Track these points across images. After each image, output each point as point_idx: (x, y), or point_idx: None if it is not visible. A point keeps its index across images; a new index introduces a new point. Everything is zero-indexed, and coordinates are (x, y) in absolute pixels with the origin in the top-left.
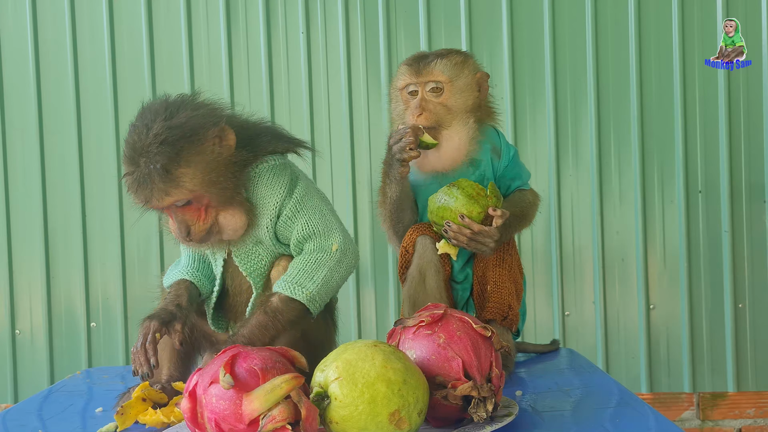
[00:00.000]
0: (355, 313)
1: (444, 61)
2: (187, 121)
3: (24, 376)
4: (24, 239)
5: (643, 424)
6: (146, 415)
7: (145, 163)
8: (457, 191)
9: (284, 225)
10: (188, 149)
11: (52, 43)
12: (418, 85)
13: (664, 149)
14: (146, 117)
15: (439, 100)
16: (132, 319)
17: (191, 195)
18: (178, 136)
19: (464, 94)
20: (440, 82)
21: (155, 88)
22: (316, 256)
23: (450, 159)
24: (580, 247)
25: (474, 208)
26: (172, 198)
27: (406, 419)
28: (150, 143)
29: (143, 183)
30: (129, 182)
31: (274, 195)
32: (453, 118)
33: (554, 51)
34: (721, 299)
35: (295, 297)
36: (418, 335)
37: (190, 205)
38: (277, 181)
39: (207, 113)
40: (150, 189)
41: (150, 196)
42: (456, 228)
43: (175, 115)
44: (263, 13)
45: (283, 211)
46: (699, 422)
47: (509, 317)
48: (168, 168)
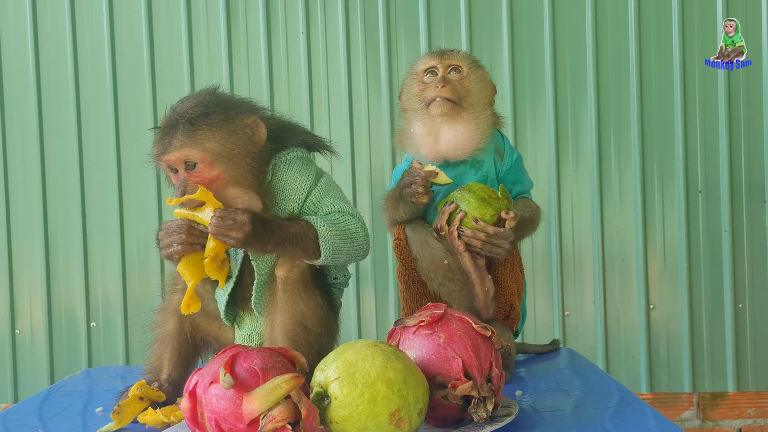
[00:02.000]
0: (355, 313)
1: (465, 54)
2: (227, 99)
3: (24, 376)
4: (24, 239)
5: (643, 424)
6: (146, 415)
7: (176, 118)
8: (469, 195)
9: (309, 208)
10: (218, 117)
11: (52, 43)
12: (439, 67)
13: (664, 149)
14: (194, 95)
15: (460, 81)
16: (132, 319)
17: (203, 156)
18: (213, 105)
19: (482, 85)
20: (461, 66)
21: (155, 88)
22: (340, 216)
23: (462, 145)
24: (580, 247)
25: (487, 211)
26: (186, 150)
27: (406, 419)
28: (188, 108)
29: (166, 133)
30: (156, 134)
31: (304, 181)
32: (471, 103)
33: (554, 51)
34: (721, 299)
35: (315, 225)
36: (418, 335)
37: (196, 172)
38: (305, 168)
39: (244, 102)
40: (170, 139)
41: (167, 147)
42: (470, 233)
43: (218, 96)
44: (263, 13)
45: (309, 197)
46: (699, 422)
47: (511, 316)
48: (193, 123)
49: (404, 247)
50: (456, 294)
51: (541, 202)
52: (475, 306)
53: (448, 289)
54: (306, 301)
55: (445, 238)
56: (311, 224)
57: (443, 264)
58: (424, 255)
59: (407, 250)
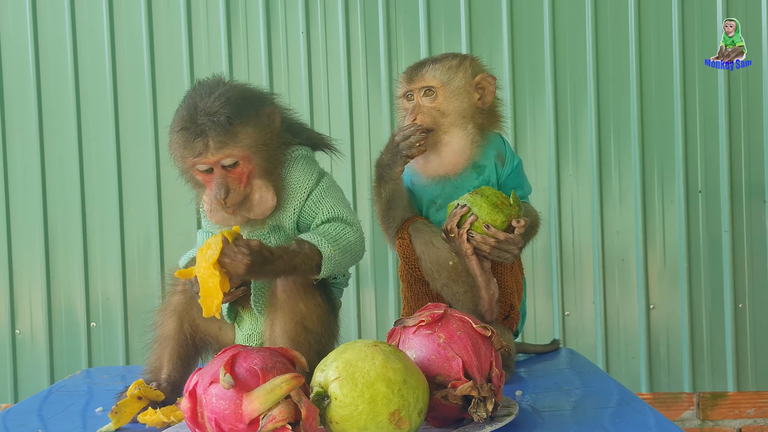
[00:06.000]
0: (355, 313)
1: (436, 66)
2: (246, 91)
3: (24, 376)
4: (24, 239)
5: (643, 424)
6: (146, 415)
7: (205, 118)
8: (482, 199)
9: (310, 208)
10: (248, 111)
11: (52, 43)
12: (412, 91)
13: (664, 149)
14: (203, 88)
15: (433, 104)
16: (132, 319)
17: (244, 153)
18: (239, 98)
19: (459, 98)
20: (432, 87)
21: (155, 88)
22: (340, 229)
23: (451, 163)
24: (580, 247)
25: (498, 217)
26: (227, 151)
27: (406, 419)
28: (213, 102)
29: (201, 134)
30: (183, 137)
31: (307, 180)
32: (450, 122)
33: (554, 51)
34: (721, 299)
35: (320, 248)
36: (418, 335)
37: (235, 169)
38: (309, 168)
39: (259, 90)
40: (207, 140)
41: (204, 148)
42: (481, 238)
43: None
44: (263, 13)
45: (311, 196)
46: (699, 422)
47: (511, 316)
48: (231, 121)
49: (408, 246)
50: (460, 296)
51: (541, 203)
52: (479, 309)
53: (452, 291)
54: (306, 301)
55: (453, 240)
56: (315, 247)
57: (448, 265)
58: (428, 255)
59: (411, 249)
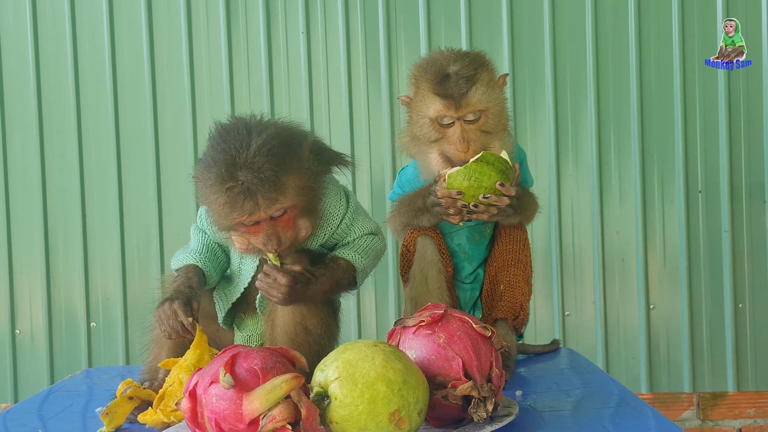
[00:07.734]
0: (355, 313)
1: (478, 88)
2: (282, 133)
3: (24, 376)
4: (24, 239)
5: (643, 424)
6: (146, 415)
7: (249, 174)
8: (489, 168)
9: (342, 231)
10: (290, 158)
11: (52, 43)
12: (456, 117)
13: (664, 149)
14: (236, 135)
15: (476, 126)
16: (132, 319)
17: (292, 202)
18: (279, 146)
19: (500, 114)
20: (478, 112)
21: (155, 88)
22: (369, 240)
23: None
24: (580, 247)
25: (507, 181)
26: (278, 205)
27: (406, 419)
28: (254, 155)
29: (248, 194)
30: (229, 196)
31: (338, 207)
32: (492, 138)
33: (554, 51)
34: (721, 299)
35: (354, 263)
36: (418, 335)
37: (282, 216)
38: (338, 194)
39: (292, 128)
40: (256, 199)
41: (255, 207)
42: (495, 198)
43: (265, 130)
44: (263, 13)
45: (343, 221)
46: (699, 422)
47: (520, 317)
48: (278, 175)
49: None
50: None
51: (541, 203)
52: None
53: None
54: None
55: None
56: (349, 263)
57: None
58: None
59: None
